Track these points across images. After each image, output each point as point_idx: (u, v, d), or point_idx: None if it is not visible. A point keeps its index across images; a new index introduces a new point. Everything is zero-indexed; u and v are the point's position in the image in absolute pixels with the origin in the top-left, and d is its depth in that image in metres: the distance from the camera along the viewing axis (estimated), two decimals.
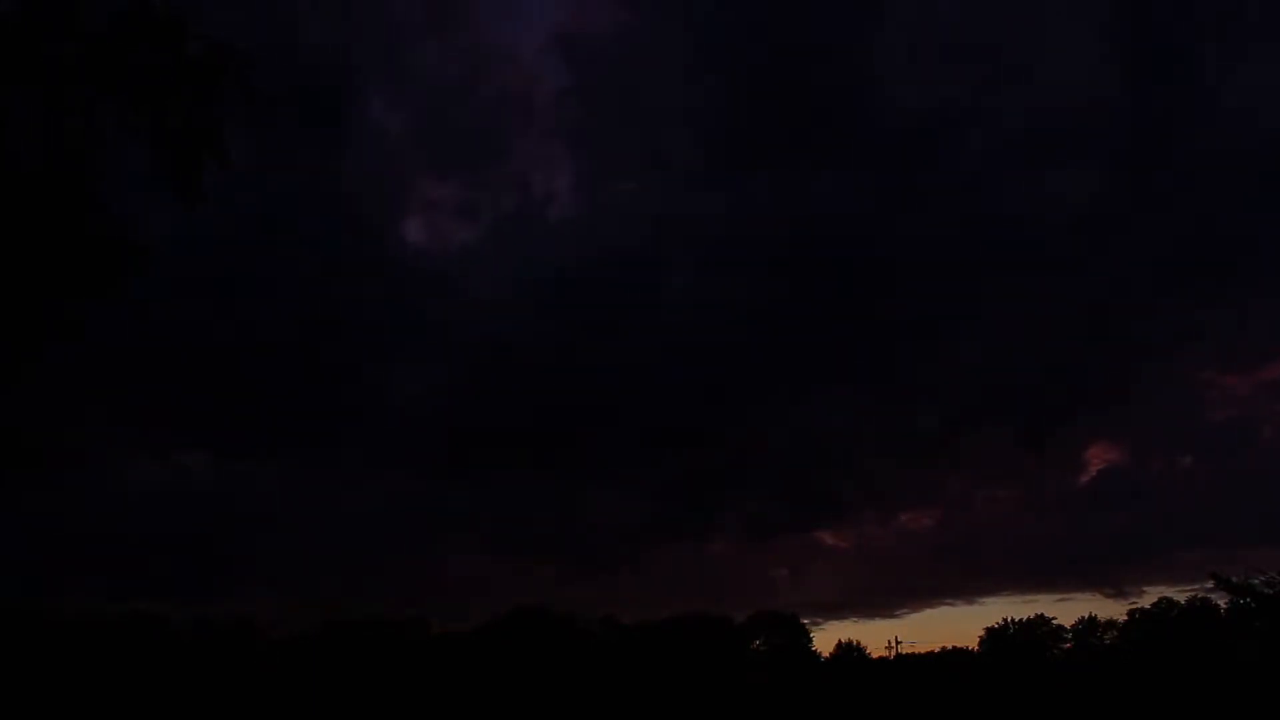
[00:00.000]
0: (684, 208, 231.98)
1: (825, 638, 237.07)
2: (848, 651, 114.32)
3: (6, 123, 12.88)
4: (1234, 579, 38.96)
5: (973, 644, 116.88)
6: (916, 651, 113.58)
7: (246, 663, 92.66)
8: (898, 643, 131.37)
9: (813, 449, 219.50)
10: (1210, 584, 43.54)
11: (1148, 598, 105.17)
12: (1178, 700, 49.30)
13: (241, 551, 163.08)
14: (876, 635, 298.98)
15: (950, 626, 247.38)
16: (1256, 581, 37.45)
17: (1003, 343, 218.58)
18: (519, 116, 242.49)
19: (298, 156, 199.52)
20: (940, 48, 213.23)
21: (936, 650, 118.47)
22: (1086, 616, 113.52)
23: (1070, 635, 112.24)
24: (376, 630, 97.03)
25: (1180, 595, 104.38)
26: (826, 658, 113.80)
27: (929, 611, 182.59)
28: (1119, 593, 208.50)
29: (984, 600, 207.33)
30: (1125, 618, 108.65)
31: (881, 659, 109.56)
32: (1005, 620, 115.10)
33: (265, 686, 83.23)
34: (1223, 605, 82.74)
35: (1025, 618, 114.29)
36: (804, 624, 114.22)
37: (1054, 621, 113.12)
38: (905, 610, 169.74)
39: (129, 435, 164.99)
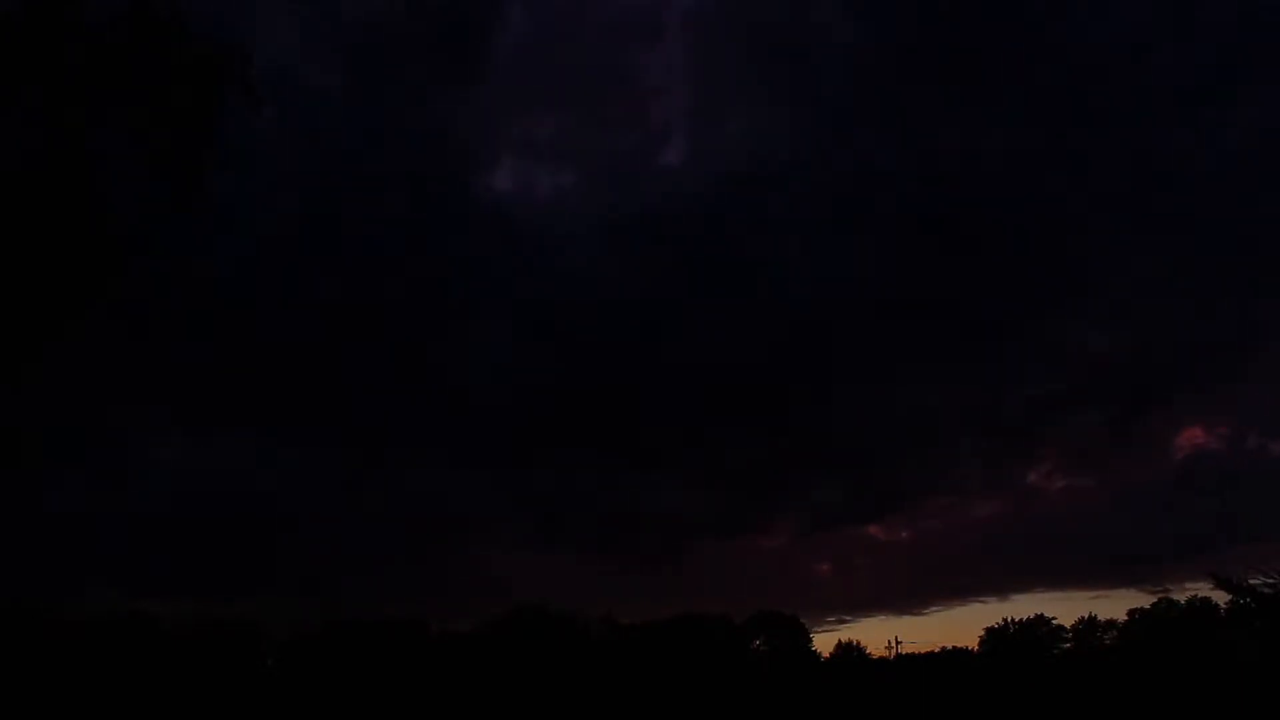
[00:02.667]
0: (808, 157, 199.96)
1: (845, 635, 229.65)
2: (847, 652, 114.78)
3: (6, 123, 12.89)
4: (1234, 579, 38.94)
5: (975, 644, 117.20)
6: (917, 651, 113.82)
7: (250, 663, 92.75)
8: (898, 643, 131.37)
9: (886, 437, 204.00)
10: (1209, 583, 43.57)
11: (1187, 595, 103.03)
12: (1176, 700, 49.37)
13: (250, 551, 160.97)
14: (899, 632, 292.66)
15: (975, 625, 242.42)
16: (1257, 581, 37.42)
17: (1106, 322, 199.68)
18: (638, 41, 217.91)
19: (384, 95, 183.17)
20: None
21: (936, 650, 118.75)
22: (1086, 616, 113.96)
23: (1070, 635, 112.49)
24: (376, 631, 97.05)
25: (1182, 595, 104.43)
26: (826, 658, 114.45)
27: (959, 609, 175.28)
28: (1162, 590, 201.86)
29: (1015, 597, 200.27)
30: (1125, 617, 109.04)
31: (881, 659, 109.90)
32: (1005, 620, 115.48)
33: (268, 687, 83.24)
34: (1223, 605, 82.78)
35: (1025, 617, 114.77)
36: (809, 622, 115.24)
37: (1054, 621, 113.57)
38: (935, 608, 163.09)
39: (133, 430, 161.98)
